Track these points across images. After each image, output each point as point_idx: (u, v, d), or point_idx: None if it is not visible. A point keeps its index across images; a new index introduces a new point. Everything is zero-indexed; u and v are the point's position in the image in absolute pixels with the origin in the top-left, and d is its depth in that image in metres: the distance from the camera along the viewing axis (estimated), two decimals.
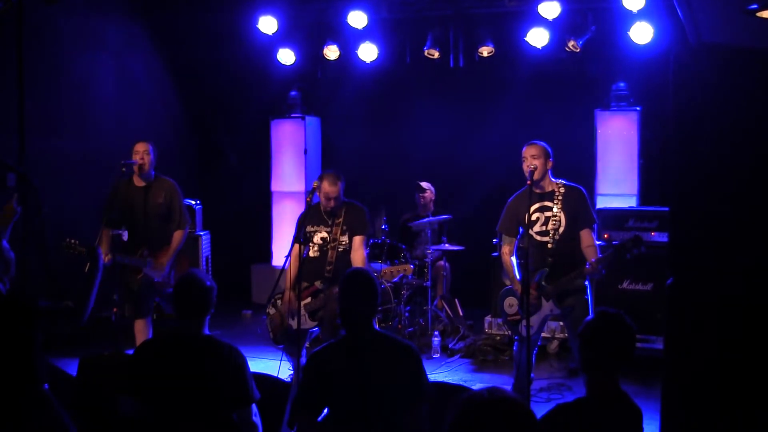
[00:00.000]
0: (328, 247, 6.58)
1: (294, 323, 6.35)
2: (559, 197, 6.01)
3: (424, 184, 9.34)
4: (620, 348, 3.57)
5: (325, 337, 6.48)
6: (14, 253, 4.81)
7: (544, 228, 6.01)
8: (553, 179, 6.11)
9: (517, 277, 6.12)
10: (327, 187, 6.54)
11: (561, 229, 5.98)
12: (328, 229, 6.61)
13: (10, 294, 4.44)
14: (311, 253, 6.65)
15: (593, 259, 5.84)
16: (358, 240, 6.59)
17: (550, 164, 6.05)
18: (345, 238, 6.59)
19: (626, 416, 3.55)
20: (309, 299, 6.51)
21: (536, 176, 5.98)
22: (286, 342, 6.59)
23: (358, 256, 6.58)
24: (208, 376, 3.99)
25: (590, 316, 3.71)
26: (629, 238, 5.88)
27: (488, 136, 10.02)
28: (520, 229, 6.12)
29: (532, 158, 5.98)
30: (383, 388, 3.98)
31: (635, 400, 3.57)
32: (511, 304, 6.22)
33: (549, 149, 6.06)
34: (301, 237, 6.45)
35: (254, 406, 4.16)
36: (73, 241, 6.66)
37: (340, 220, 6.61)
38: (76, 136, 8.83)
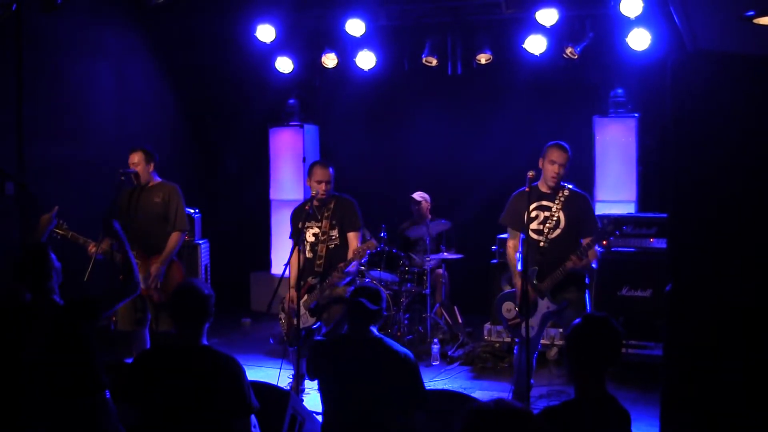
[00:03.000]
0: (319, 242, 6.57)
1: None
2: (561, 199, 6.01)
3: (417, 196, 9.28)
4: (606, 351, 3.63)
5: (328, 330, 6.49)
6: (12, 259, 4.86)
7: (540, 227, 6.02)
8: (561, 182, 6.11)
9: (519, 268, 6.12)
10: (319, 170, 6.55)
11: (557, 231, 5.98)
12: (319, 224, 6.59)
13: (70, 299, 4.60)
14: (307, 254, 6.65)
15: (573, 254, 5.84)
16: (351, 235, 6.59)
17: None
18: (335, 233, 6.57)
19: (614, 419, 3.58)
20: (306, 296, 6.50)
21: (555, 183, 6.03)
22: (297, 343, 6.57)
23: (353, 248, 6.59)
24: (206, 386, 3.98)
25: (577, 320, 3.75)
26: (608, 222, 5.87)
27: (486, 143, 10.04)
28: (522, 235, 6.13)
29: (560, 167, 6.02)
30: (373, 389, 4.12)
31: (635, 406, 3.59)
32: (508, 308, 6.23)
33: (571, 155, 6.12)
34: (298, 235, 6.46)
35: (253, 417, 4.16)
36: (61, 222, 6.59)
37: (329, 213, 6.59)
38: (75, 142, 8.83)
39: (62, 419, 4.38)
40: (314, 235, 6.61)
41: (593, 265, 6.01)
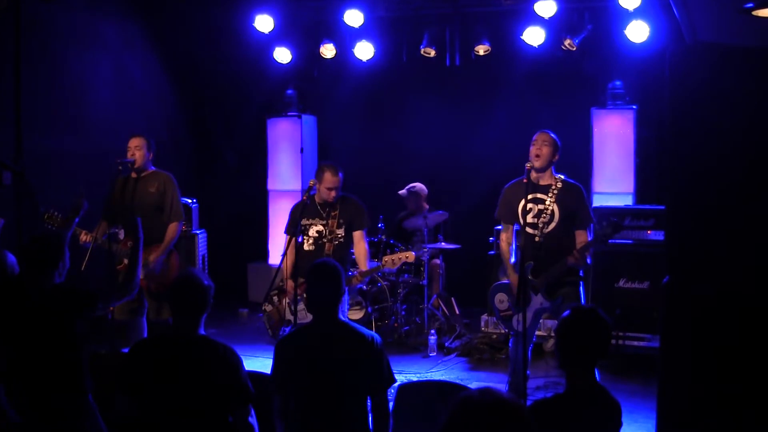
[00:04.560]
0: (325, 240, 6.58)
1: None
2: (555, 191, 5.98)
3: (403, 191, 9.33)
4: (595, 342, 3.65)
5: None
6: (11, 249, 4.87)
7: (535, 220, 5.99)
8: (554, 173, 6.08)
9: (512, 260, 6.12)
10: (330, 177, 6.58)
11: (552, 225, 5.94)
12: (324, 222, 6.61)
13: (71, 288, 4.61)
14: (306, 247, 6.64)
15: (575, 251, 5.84)
16: (358, 234, 6.64)
17: (556, 157, 6.01)
18: (341, 231, 6.60)
19: (604, 410, 3.61)
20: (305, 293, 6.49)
21: (539, 164, 5.95)
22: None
23: (361, 249, 6.63)
24: (203, 376, 3.99)
25: (566, 312, 3.77)
26: (607, 225, 5.87)
27: (484, 135, 10.04)
28: (516, 226, 6.12)
29: (542, 143, 5.94)
30: (343, 372, 4.14)
31: (633, 398, 3.61)
32: (501, 300, 6.21)
33: (559, 143, 6.04)
34: (297, 229, 6.45)
35: (250, 407, 4.17)
36: (56, 213, 6.59)
37: (336, 212, 6.62)
38: (73, 134, 8.81)
39: (43, 416, 4.38)
40: (318, 232, 6.62)
41: (588, 261, 6.00)
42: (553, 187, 6.00)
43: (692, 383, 3.58)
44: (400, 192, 9.32)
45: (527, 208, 5.95)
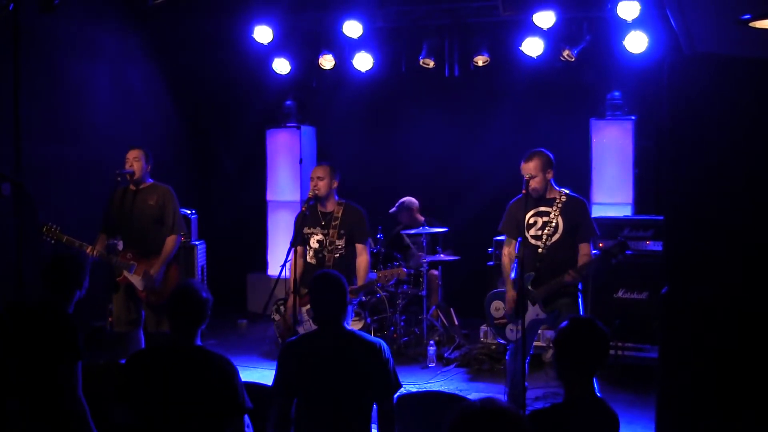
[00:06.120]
0: (325, 252, 6.53)
1: (300, 329, 6.33)
2: (559, 204, 5.98)
3: (393, 210, 9.37)
4: (592, 353, 3.65)
5: None
6: (10, 261, 4.87)
7: (539, 233, 5.98)
8: (555, 187, 6.05)
9: (511, 276, 6.11)
10: (315, 168, 6.64)
11: (556, 237, 5.94)
12: (325, 231, 6.54)
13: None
14: (308, 259, 6.62)
15: (573, 269, 5.81)
16: (360, 247, 6.54)
17: (550, 174, 5.94)
18: (342, 242, 6.50)
19: (602, 421, 3.59)
20: (309, 305, 6.47)
21: (536, 186, 5.91)
22: None
23: (362, 263, 6.54)
24: (199, 387, 3.99)
25: (564, 323, 3.77)
26: (614, 243, 5.86)
27: (483, 146, 10.05)
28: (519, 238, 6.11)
29: (530, 177, 5.85)
30: (351, 380, 4.16)
31: (631, 409, 3.60)
32: (497, 307, 6.22)
33: (548, 158, 5.94)
34: (299, 239, 6.43)
35: (246, 417, 4.16)
36: (54, 227, 6.61)
37: (336, 222, 6.54)
38: (72, 144, 8.82)
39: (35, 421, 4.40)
40: (318, 242, 6.54)
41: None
42: (557, 200, 5.99)
43: (691, 394, 3.57)
44: (391, 210, 9.35)
45: (531, 222, 5.97)
